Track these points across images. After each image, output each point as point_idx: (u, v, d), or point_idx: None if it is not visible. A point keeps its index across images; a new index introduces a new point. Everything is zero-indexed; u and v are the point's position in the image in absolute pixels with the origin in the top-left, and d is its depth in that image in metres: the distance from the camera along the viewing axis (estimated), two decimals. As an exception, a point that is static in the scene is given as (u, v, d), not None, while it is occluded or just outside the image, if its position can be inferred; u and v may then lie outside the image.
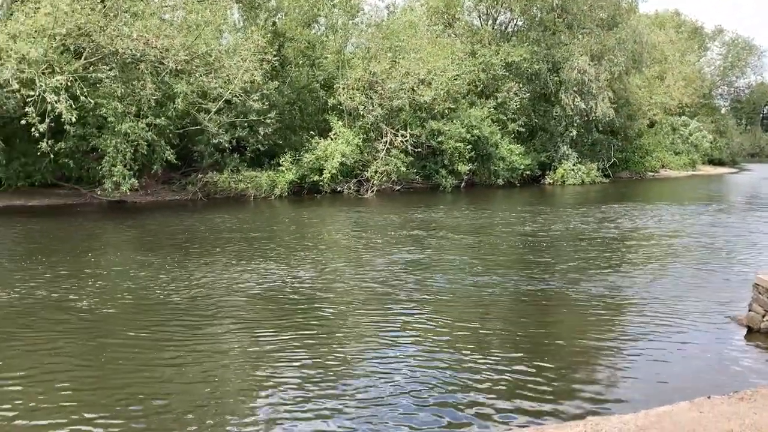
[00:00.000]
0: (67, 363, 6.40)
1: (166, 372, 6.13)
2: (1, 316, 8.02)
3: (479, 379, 5.93)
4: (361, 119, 25.68)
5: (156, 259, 11.73)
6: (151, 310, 8.37)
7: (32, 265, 11.03)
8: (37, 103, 16.85)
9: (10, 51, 16.63)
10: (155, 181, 22.45)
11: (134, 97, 18.94)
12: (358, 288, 9.62)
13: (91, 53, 18.47)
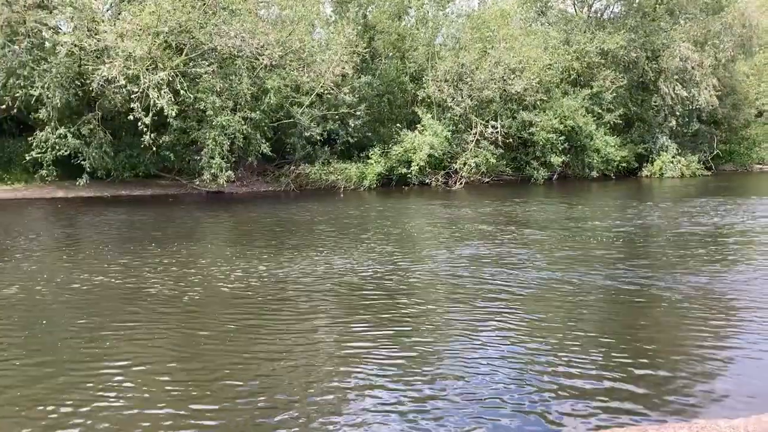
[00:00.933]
0: (166, 351, 6.71)
1: (262, 365, 6.31)
2: (106, 302, 8.52)
3: (573, 379, 5.79)
4: (450, 111, 25.54)
5: (251, 248, 12.15)
6: (246, 300, 8.66)
7: (135, 252, 11.66)
8: (141, 99, 17.78)
9: (118, 49, 17.60)
10: (250, 172, 23.21)
11: (231, 91, 19.64)
12: (447, 283, 9.59)
13: (191, 49, 19.29)
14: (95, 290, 9.03)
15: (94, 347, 6.76)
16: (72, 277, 9.81)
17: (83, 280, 9.55)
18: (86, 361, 6.35)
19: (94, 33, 18.11)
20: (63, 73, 18.06)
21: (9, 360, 6.43)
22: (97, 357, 6.47)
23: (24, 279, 9.71)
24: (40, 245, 12.74)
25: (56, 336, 7.16)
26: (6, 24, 17.73)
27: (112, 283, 9.37)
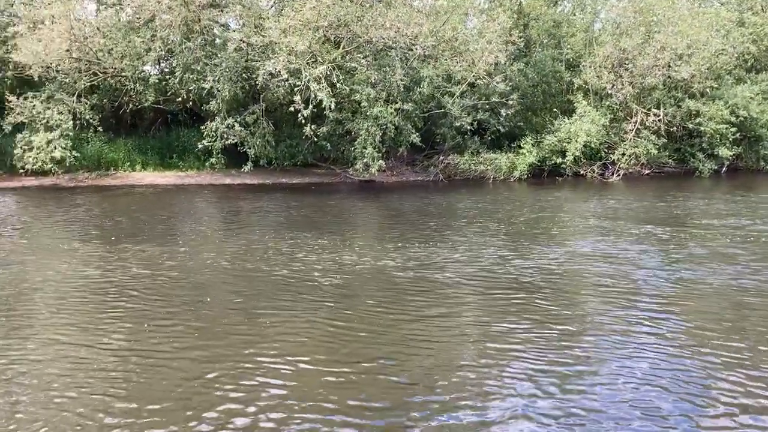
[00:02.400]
0: (320, 338, 6.98)
1: (412, 358, 6.40)
2: (263, 285, 9.00)
3: (734, 384, 5.35)
4: (609, 99, 24.35)
5: (400, 236, 12.38)
6: (389, 284, 8.86)
7: (291, 237, 12.24)
8: (302, 91, 18.58)
9: (282, 44, 18.50)
10: (400, 162, 23.56)
11: (385, 83, 20.00)
12: (597, 278, 9.21)
13: (348, 43, 19.86)
14: (255, 273, 9.59)
15: (251, 330, 7.18)
16: (233, 258, 10.51)
17: (243, 262, 10.20)
18: (244, 344, 6.74)
19: (260, 29, 19.15)
20: (231, 67, 19.29)
21: (174, 337, 6.99)
22: (253, 342, 6.85)
23: (191, 258, 10.52)
24: (208, 227, 13.78)
25: (217, 314, 7.69)
26: (183, 23, 19.19)
27: (269, 266, 9.91)
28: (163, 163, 22.96)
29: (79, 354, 6.37)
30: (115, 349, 6.47)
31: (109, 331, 7.04)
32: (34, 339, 6.82)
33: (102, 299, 8.25)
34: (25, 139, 19.90)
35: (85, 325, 7.24)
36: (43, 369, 6.05)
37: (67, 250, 11.40)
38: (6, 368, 6.08)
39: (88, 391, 5.55)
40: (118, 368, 6.00)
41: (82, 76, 20.05)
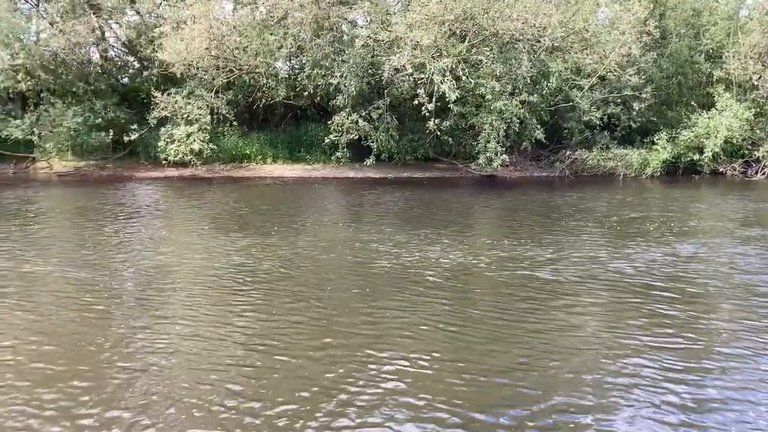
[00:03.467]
0: (438, 336, 6.96)
1: (536, 362, 6.25)
2: (381, 280, 9.08)
3: None
4: (754, 91, 22.60)
5: (520, 233, 12.14)
6: (508, 284, 8.68)
7: (409, 231, 12.30)
8: (426, 85, 18.65)
9: (407, 39, 18.64)
10: (524, 157, 23.08)
11: (510, 76, 19.65)
12: (731, 287, 8.56)
13: (473, 36, 19.68)
14: (374, 267, 9.72)
15: (371, 325, 7.27)
16: (354, 250, 10.70)
17: (363, 255, 10.36)
18: (364, 340, 6.82)
19: (387, 25, 19.40)
20: (358, 63, 19.68)
21: (297, 330, 7.20)
22: (373, 337, 6.93)
23: (315, 249, 10.83)
24: (331, 219, 14.15)
25: (337, 307, 7.84)
26: (313, 20, 19.80)
27: (388, 261, 10.00)
28: (291, 157, 23.84)
29: (205, 345, 6.61)
30: (241, 343, 6.68)
31: (236, 321, 7.30)
32: (166, 327, 7.21)
33: (231, 288, 8.59)
34: (168, 132, 21.33)
35: (214, 314, 7.54)
36: (170, 358, 6.40)
37: (201, 237, 12.11)
38: (136, 355, 6.51)
39: (212, 382, 5.74)
40: (242, 362, 6.15)
41: (219, 73, 21.18)
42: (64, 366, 6.01)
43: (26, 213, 14.71)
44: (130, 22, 23.90)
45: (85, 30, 21.43)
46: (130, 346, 6.47)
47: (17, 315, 7.46)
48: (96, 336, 6.73)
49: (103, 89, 23.25)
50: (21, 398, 5.37)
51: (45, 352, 6.33)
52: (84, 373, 5.85)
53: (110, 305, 7.84)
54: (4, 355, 6.30)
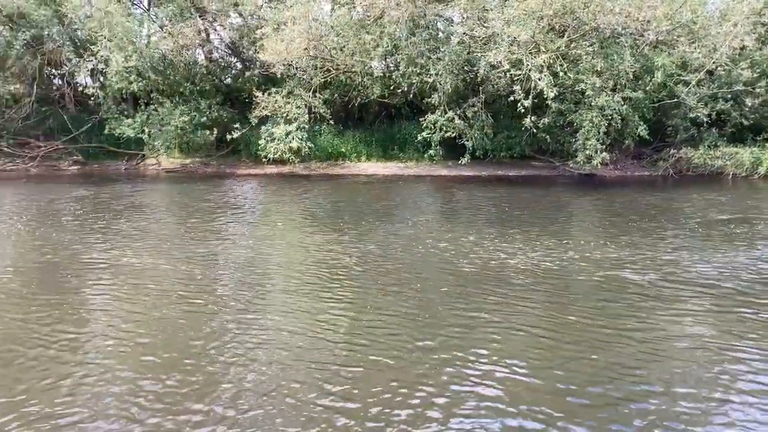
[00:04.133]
0: (528, 337, 6.82)
1: (628, 354, 6.04)
2: (471, 279, 9.00)
3: None
4: None
5: (620, 234, 11.72)
6: (607, 284, 8.41)
7: (500, 230, 12.15)
8: (522, 82, 18.33)
9: (504, 35, 18.39)
10: (625, 155, 22.26)
11: (612, 71, 19.00)
12: None
13: (573, 31, 19.17)
14: (465, 266, 9.65)
15: (460, 327, 7.21)
16: (445, 249, 10.68)
17: (454, 254, 10.32)
18: (455, 341, 6.79)
19: (483, 21, 19.21)
20: (454, 60, 19.60)
21: (388, 329, 7.25)
22: (463, 338, 6.88)
23: (408, 246, 10.88)
24: (424, 217, 14.18)
25: (427, 305, 7.84)
26: (409, 18, 19.87)
27: (480, 259, 9.91)
28: (385, 155, 24.05)
29: (299, 341, 6.78)
30: (333, 340, 6.77)
31: (329, 317, 7.44)
32: (262, 321, 7.45)
33: (325, 283, 8.79)
34: (268, 131, 22.01)
35: (308, 309, 7.73)
36: (265, 352, 6.59)
37: (298, 232, 12.44)
38: (232, 348, 6.74)
39: (304, 378, 5.86)
40: (334, 358, 6.24)
41: (317, 73, 21.64)
42: (163, 357, 6.30)
43: (135, 207, 15.59)
44: (234, 24, 24.81)
45: (191, 33, 22.45)
46: (226, 339, 6.72)
47: (122, 305, 7.92)
48: (194, 328, 7.04)
49: (207, 89, 24.29)
50: (123, 386, 5.67)
51: (146, 343, 6.67)
52: (181, 364, 6.12)
53: (209, 298, 8.19)
54: (107, 343, 6.71)
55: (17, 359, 6.29)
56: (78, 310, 7.84)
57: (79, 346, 6.63)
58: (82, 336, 6.94)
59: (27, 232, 12.56)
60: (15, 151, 24.55)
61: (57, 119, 25.37)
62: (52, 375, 5.93)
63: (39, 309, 7.78)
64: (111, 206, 15.65)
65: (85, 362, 6.23)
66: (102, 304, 8.05)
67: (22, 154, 24.49)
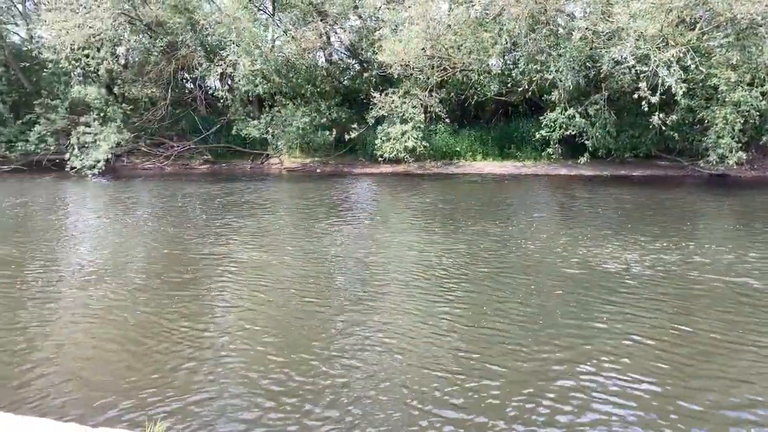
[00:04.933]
0: (652, 349, 6.49)
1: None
2: (588, 283, 8.67)
3: None
4: None
5: (750, 238, 10.95)
6: (734, 293, 7.89)
7: (626, 232, 11.63)
8: (649, 78, 17.48)
9: (629, 29, 17.61)
10: (763, 155, 20.72)
11: (749, 64, 17.74)
12: None
13: (705, 23, 18.07)
14: (581, 268, 9.33)
15: (579, 334, 6.97)
16: (561, 250, 10.37)
17: (571, 255, 9.99)
18: (573, 347, 6.58)
19: (607, 16, 18.50)
20: (575, 56, 19.03)
21: (503, 334, 7.12)
22: (581, 346, 6.64)
23: (524, 246, 10.66)
24: (540, 217, 13.86)
25: (542, 307, 7.65)
26: (529, 15, 19.48)
27: (598, 263, 9.56)
28: (501, 154, 23.74)
29: (415, 344, 6.82)
30: (448, 347, 6.78)
31: (446, 321, 7.43)
32: (378, 323, 7.55)
33: (442, 285, 8.81)
34: (384, 131, 22.33)
35: (425, 312, 7.75)
36: (380, 355, 6.67)
37: (414, 232, 12.53)
38: (349, 349, 6.87)
39: (419, 382, 5.88)
40: (449, 364, 6.24)
41: (434, 72, 21.70)
42: (280, 355, 6.49)
43: (258, 205, 16.32)
44: (353, 26, 25.36)
45: (313, 36, 23.18)
46: (344, 340, 6.85)
47: (242, 302, 8.25)
48: (313, 327, 7.23)
49: (327, 91, 25.01)
50: (242, 383, 5.89)
51: (267, 341, 6.91)
52: (300, 363, 6.28)
53: (325, 296, 8.41)
54: (226, 339, 7.03)
55: (146, 352, 6.76)
56: (200, 304, 8.31)
57: (201, 341, 6.98)
58: (203, 331, 7.33)
59: (157, 227, 13.49)
60: (152, 151, 26.37)
61: (189, 121, 27.00)
62: (174, 368, 6.33)
63: (165, 302, 8.31)
64: (235, 203, 16.47)
65: (207, 357, 6.59)
66: (223, 300, 8.44)
67: (158, 153, 26.26)
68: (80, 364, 6.37)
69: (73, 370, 6.23)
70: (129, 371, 6.14)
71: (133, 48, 26.83)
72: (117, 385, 5.82)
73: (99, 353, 6.64)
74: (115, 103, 25.49)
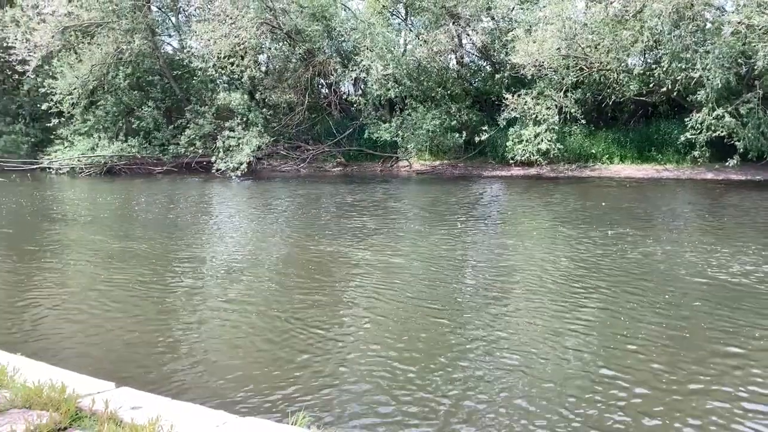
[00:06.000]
0: None
1: None
2: (737, 296, 8.03)
3: None
4: None
5: None
6: None
7: None
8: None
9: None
10: None
11: None
12: None
13: None
14: (718, 275, 8.67)
15: (726, 352, 6.48)
16: (696, 256, 9.74)
17: (707, 263, 9.35)
18: (725, 377, 6.12)
19: (765, 8, 17.15)
20: (725, 53, 17.81)
21: (639, 343, 6.72)
22: (735, 370, 6.17)
23: (663, 252, 10.09)
24: (679, 222, 13.11)
25: (683, 317, 7.17)
26: (674, 10, 18.45)
27: (740, 272, 8.87)
28: (640, 156, 22.64)
29: (544, 354, 6.70)
30: (583, 364, 6.55)
31: (579, 332, 7.16)
32: (507, 330, 7.42)
33: (573, 293, 8.47)
34: (516, 133, 22.01)
35: (555, 320, 7.49)
36: (511, 367, 6.54)
37: (543, 237, 12.25)
38: (479, 359, 6.79)
39: (547, 398, 5.69)
40: (581, 385, 5.93)
41: (569, 72, 21.11)
42: (407, 360, 6.47)
43: (387, 207, 16.61)
44: (485, 28, 25.18)
45: (445, 39, 23.28)
46: (467, 349, 6.68)
47: (370, 303, 8.36)
48: (436, 333, 7.16)
49: (457, 93, 25.03)
50: (373, 390, 5.86)
51: (392, 344, 6.92)
52: (423, 370, 6.21)
53: (451, 301, 8.36)
54: (354, 344, 7.17)
55: (280, 348, 7.07)
56: (331, 302, 8.55)
57: (331, 341, 7.14)
58: (334, 330, 7.54)
59: (292, 226, 14.09)
60: (289, 154, 27.56)
61: (323, 125, 27.96)
62: (307, 363, 6.57)
63: (299, 298, 8.63)
64: (365, 205, 16.84)
65: (339, 354, 6.79)
66: (353, 301, 8.55)
67: (294, 156, 27.40)
68: (223, 354, 6.79)
69: (218, 359, 6.65)
70: (266, 364, 6.44)
71: (274, 56, 28.22)
72: (257, 376, 6.14)
73: (240, 344, 7.04)
74: (257, 108, 26.88)
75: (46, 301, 8.67)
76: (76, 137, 27.94)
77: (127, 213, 16.83)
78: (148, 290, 9.12)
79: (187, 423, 3.74)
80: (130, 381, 4.87)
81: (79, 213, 16.93)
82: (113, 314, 8.11)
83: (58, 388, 3.95)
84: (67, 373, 4.48)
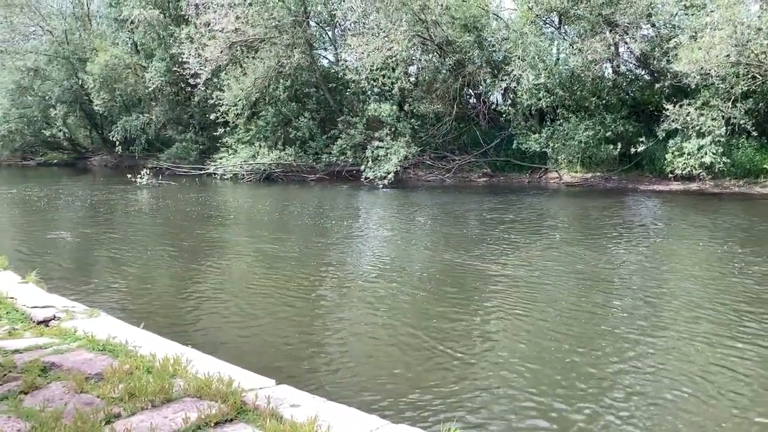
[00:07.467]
0: None
1: None
2: None
3: None
4: None
5: None
6: None
7: None
8: None
9: None
10: None
11: None
12: None
13: None
14: None
15: None
16: None
17: None
18: None
19: None
20: None
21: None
22: None
23: None
24: None
25: None
26: None
27: None
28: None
29: (702, 379, 6.29)
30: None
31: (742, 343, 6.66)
32: (655, 356, 6.92)
33: (738, 320, 7.82)
34: (677, 145, 20.71)
35: (709, 353, 6.87)
36: (667, 392, 6.12)
37: (705, 258, 11.41)
38: (634, 383, 6.40)
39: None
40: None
41: (739, 81, 19.59)
42: (549, 381, 6.27)
43: (535, 220, 16.23)
44: (645, 35, 23.97)
45: (601, 47, 22.41)
46: (613, 380, 6.32)
47: (513, 319, 8.17)
48: (581, 356, 6.85)
49: (613, 103, 24.01)
50: (513, 400, 5.83)
51: (535, 358, 6.76)
52: (569, 389, 6.03)
53: (597, 323, 7.97)
54: (491, 359, 7.01)
55: (421, 354, 7.10)
56: (474, 315, 8.50)
57: (477, 360, 7.10)
58: (475, 351, 7.47)
59: (434, 235, 14.15)
60: (435, 163, 27.77)
61: (470, 135, 27.88)
62: (449, 371, 6.55)
63: (443, 314, 8.64)
64: (511, 217, 16.54)
65: (487, 370, 6.71)
66: (503, 317, 8.41)
67: (440, 166, 27.56)
68: (371, 359, 6.95)
69: (366, 363, 6.82)
70: (413, 372, 6.51)
71: (423, 67, 28.61)
72: (404, 384, 6.22)
73: (388, 351, 7.17)
74: (405, 119, 27.35)
75: (207, 297, 9.37)
76: (239, 145, 29.95)
77: (282, 218, 17.79)
78: (298, 291, 9.59)
79: (343, 425, 3.85)
80: (285, 378, 5.11)
81: (239, 216, 18.16)
82: (266, 312, 8.61)
83: (226, 381, 4.23)
84: (231, 368, 4.77)
